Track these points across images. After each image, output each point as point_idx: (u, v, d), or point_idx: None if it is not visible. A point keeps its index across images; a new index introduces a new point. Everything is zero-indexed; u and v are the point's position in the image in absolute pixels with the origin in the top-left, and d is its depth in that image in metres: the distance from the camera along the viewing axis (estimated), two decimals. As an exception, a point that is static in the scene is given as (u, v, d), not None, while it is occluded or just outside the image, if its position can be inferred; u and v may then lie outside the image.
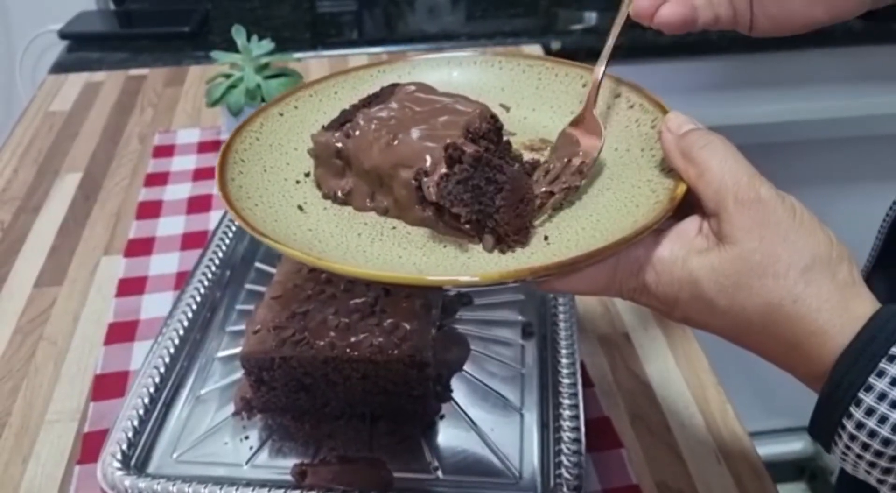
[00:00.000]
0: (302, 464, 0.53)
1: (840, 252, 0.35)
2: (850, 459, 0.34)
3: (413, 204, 0.42)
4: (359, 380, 0.54)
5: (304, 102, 0.51)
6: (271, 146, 0.48)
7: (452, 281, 0.39)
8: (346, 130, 0.45)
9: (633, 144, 0.46)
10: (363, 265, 0.39)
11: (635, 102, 0.48)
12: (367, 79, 0.52)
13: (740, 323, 0.36)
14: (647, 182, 0.42)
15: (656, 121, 0.45)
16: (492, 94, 0.51)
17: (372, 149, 0.43)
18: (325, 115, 0.49)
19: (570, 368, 0.58)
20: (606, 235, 0.38)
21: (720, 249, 0.36)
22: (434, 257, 0.40)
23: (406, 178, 0.41)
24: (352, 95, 0.50)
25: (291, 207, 0.44)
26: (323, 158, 0.46)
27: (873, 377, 0.32)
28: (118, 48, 1.26)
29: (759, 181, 0.36)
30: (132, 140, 1.01)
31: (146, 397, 0.56)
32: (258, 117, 0.49)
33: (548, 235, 0.41)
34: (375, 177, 0.43)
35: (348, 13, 1.38)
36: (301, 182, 0.47)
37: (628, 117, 0.47)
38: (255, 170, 0.46)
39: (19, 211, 0.87)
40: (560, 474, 0.50)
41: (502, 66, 0.53)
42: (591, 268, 0.38)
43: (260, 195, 0.44)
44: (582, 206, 0.43)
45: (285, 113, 0.50)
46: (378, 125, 0.44)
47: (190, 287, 0.65)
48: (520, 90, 0.53)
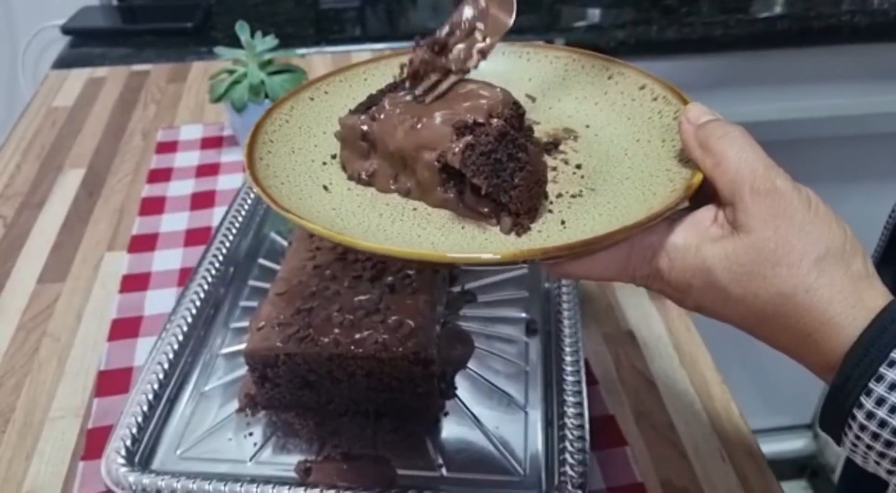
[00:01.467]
0: (306, 461, 0.53)
1: (854, 245, 0.35)
2: (859, 450, 0.34)
3: (435, 186, 0.43)
4: (363, 377, 0.54)
5: (335, 87, 0.52)
6: (300, 129, 0.49)
7: (472, 259, 0.39)
8: (371, 114, 0.45)
9: (654, 135, 0.46)
10: (383, 242, 0.39)
11: (659, 93, 0.48)
12: (396, 67, 0.53)
13: (753, 312, 0.36)
14: (666, 171, 0.42)
15: (678, 113, 0.45)
16: (519, 84, 0.52)
17: (396, 131, 0.44)
18: (354, 100, 0.50)
19: (575, 365, 0.57)
20: (622, 221, 0.39)
21: (734, 237, 0.36)
22: (452, 238, 0.41)
23: (429, 159, 0.42)
24: (380, 82, 0.51)
25: (317, 186, 0.45)
26: (349, 140, 0.46)
27: (884, 368, 0.32)
28: (121, 44, 1.26)
29: (776, 172, 0.36)
30: (135, 136, 1.01)
31: (150, 393, 0.56)
32: (289, 101, 0.50)
33: (564, 220, 0.41)
34: (399, 159, 0.44)
35: (351, 9, 1.38)
36: (327, 164, 0.48)
37: (651, 109, 0.48)
38: (283, 150, 0.47)
39: (22, 207, 0.87)
40: (564, 471, 0.50)
41: (530, 57, 0.54)
42: (605, 253, 0.38)
43: (287, 175, 0.45)
44: (600, 193, 0.43)
45: (316, 97, 0.51)
46: (403, 109, 0.44)
47: (193, 284, 0.65)
48: (546, 81, 0.53)
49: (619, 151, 0.47)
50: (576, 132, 0.49)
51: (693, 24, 1.25)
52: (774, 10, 1.29)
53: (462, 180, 0.42)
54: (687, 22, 1.25)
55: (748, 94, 1.34)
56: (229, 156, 0.95)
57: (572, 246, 0.37)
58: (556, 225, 0.41)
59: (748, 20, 1.25)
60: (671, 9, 1.30)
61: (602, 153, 0.47)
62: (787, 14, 1.27)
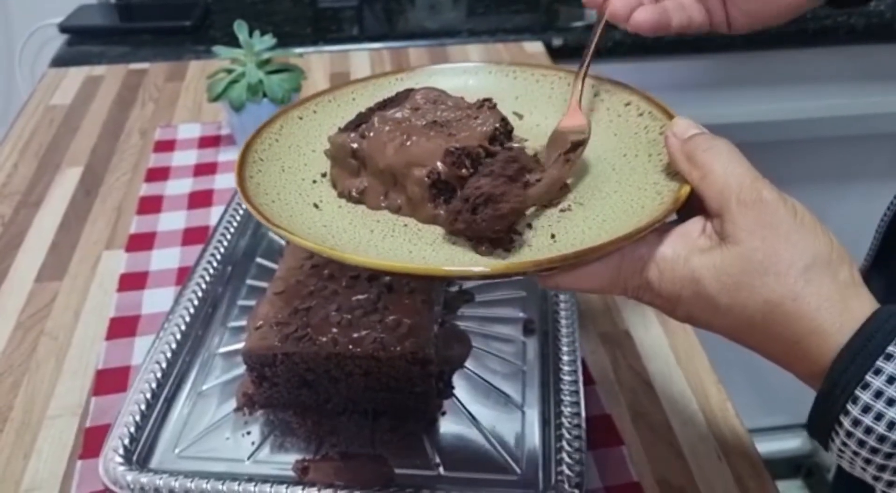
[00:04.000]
0: (304, 460, 0.53)
1: (840, 254, 0.36)
2: (846, 456, 0.35)
3: (425, 202, 0.43)
4: (361, 376, 0.54)
5: (323, 107, 0.53)
6: (290, 147, 0.50)
7: (465, 272, 0.40)
8: (361, 131, 0.46)
9: (640, 151, 0.47)
10: (376, 258, 0.40)
11: (644, 109, 0.49)
12: (385, 86, 0.55)
13: (741, 321, 0.36)
14: (653, 185, 0.43)
15: (664, 128, 0.45)
16: (506, 102, 0.52)
17: (386, 149, 0.44)
18: (342, 119, 0.51)
19: (572, 365, 0.58)
20: (611, 234, 0.39)
21: (722, 248, 0.36)
22: (444, 253, 0.41)
23: (419, 176, 0.43)
24: (369, 102, 0.52)
25: (307, 204, 0.45)
26: (339, 157, 0.47)
27: (870, 375, 0.33)
28: (119, 42, 1.25)
29: (762, 183, 0.37)
30: (133, 135, 1.01)
31: (148, 392, 0.56)
32: (278, 120, 0.51)
33: (554, 234, 0.42)
34: (389, 176, 0.45)
35: (349, 9, 1.38)
36: (317, 182, 0.48)
37: (637, 124, 0.48)
38: (273, 169, 0.47)
39: (20, 205, 0.87)
40: (561, 471, 0.50)
41: (517, 75, 0.55)
42: (596, 265, 0.38)
43: (277, 193, 0.45)
44: (588, 208, 0.44)
45: (304, 116, 0.52)
46: (392, 126, 0.45)
47: (191, 283, 0.65)
48: (533, 99, 0.54)
49: (606, 166, 0.47)
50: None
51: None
52: (771, 11, 1.29)
53: (452, 197, 0.42)
54: (684, 22, 1.26)
55: (744, 94, 1.34)
56: (227, 155, 0.95)
57: (564, 258, 0.37)
58: (546, 239, 0.42)
59: (745, 21, 1.26)
60: (668, 9, 1.30)
61: (590, 168, 0.47)
62: (784, 15, 1.27)
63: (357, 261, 0.38)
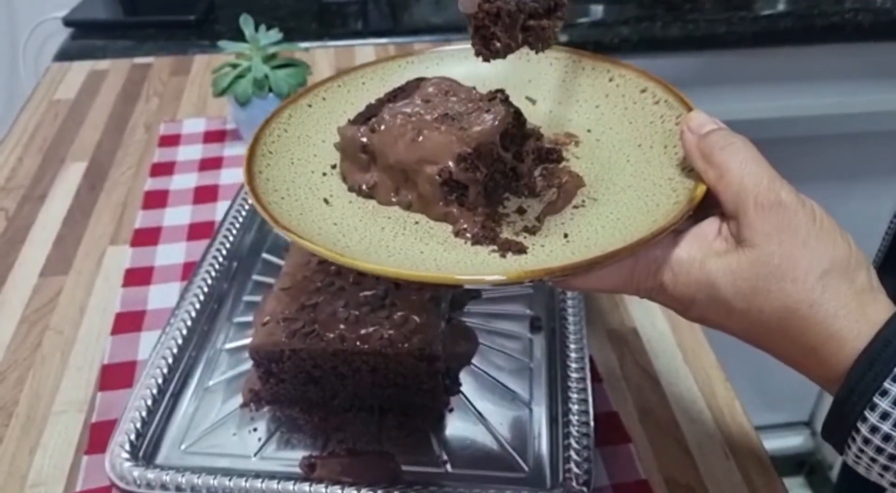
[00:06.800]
0: (310, 456, 0.53)
1: (858, 258, 0.35)
2: (863, 462, 0.35)
3: (437, 199, 0.42)
4: (368, 373, 0.54)
5: (333, 93, 0.52)
6: (299, 138, 0.49)
7: (477, 280, 0.39)
8: (371, 125, 0.45)
9: (656, 141, 0.46)
10: (386, 261, 0.39)
11: (661, 97, 0.47)
12: (395, 70, 0.53)
13: (757, 326, 0.36)
14: (668, 181, 0.42)
15: (680, 117, 0.44)
16: (518, 86, 0.51)
17: (397, 144, 0.43)
18: (352, 106, 0.50)
19: (579, 362, 0.57)
20: (625, 235, 0.38)
21: (739, 252, 0.36)
22: (455, 253, 0.41)
23: (430, 173, 0.42)
24: (380, 87, 0.51)
25: (318, 200, 0.45)
26: (349, 151, 0.46)
27: (888, 382, 0.32)
28: (123, 36, 1.25)
29: (780, 184, 0.36)
30: (138, 129, 1.01)
31: (154, 387, 0.56)
32: (286, 109, 0.49)
33: (567, 233, 0.41)
34: (400, 172, 0.44)
35: (354, 4, 1.37)
36: (328, 174, 0.47)
37: (653, 113, 0.47)
38: (282, 162, 0.46)
39: (24, 200, 0.87)
40: (569, 468, 0.50)
41: (529, 58, 0.53)
42: (610, 267, 0.38)
43: (287, 188, 0.44)
44: (602, 203, 0.43)
45: (314, 104, 0.51)
46: (403, 120, 0.44)
47: (197, 278, 0.65)
48: (546, 83, 0.53)
49: (621, 156, 0.46)
50: (577, 137, 0.49)
51: (696, 21, 1.25)
52: (777, 8, 1.29)
53: (464, 195, 0.42)
54: (690, 19, 1.25)
55: (751, 91, 1.34)
56: (232, 150, 0.95)
57: (577, 267, 0.36)
58: (559, 238, 0.41)
59: (751, 18, 1.25)
60: (674, 6, 1.30)
61: (604, 159, 0.47)
62: (791, 12, 1.27)
63: (369, 268, 0.37)
